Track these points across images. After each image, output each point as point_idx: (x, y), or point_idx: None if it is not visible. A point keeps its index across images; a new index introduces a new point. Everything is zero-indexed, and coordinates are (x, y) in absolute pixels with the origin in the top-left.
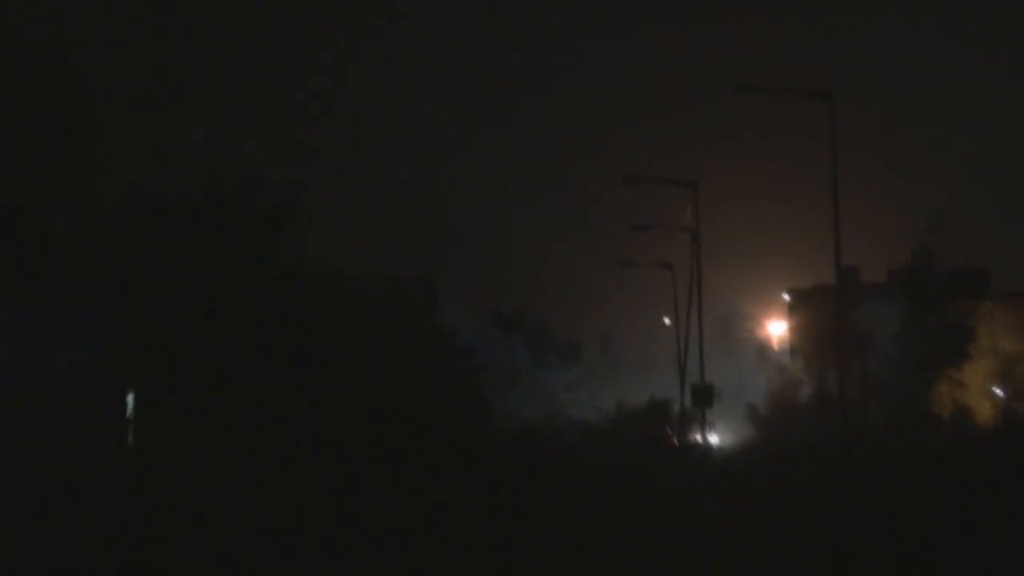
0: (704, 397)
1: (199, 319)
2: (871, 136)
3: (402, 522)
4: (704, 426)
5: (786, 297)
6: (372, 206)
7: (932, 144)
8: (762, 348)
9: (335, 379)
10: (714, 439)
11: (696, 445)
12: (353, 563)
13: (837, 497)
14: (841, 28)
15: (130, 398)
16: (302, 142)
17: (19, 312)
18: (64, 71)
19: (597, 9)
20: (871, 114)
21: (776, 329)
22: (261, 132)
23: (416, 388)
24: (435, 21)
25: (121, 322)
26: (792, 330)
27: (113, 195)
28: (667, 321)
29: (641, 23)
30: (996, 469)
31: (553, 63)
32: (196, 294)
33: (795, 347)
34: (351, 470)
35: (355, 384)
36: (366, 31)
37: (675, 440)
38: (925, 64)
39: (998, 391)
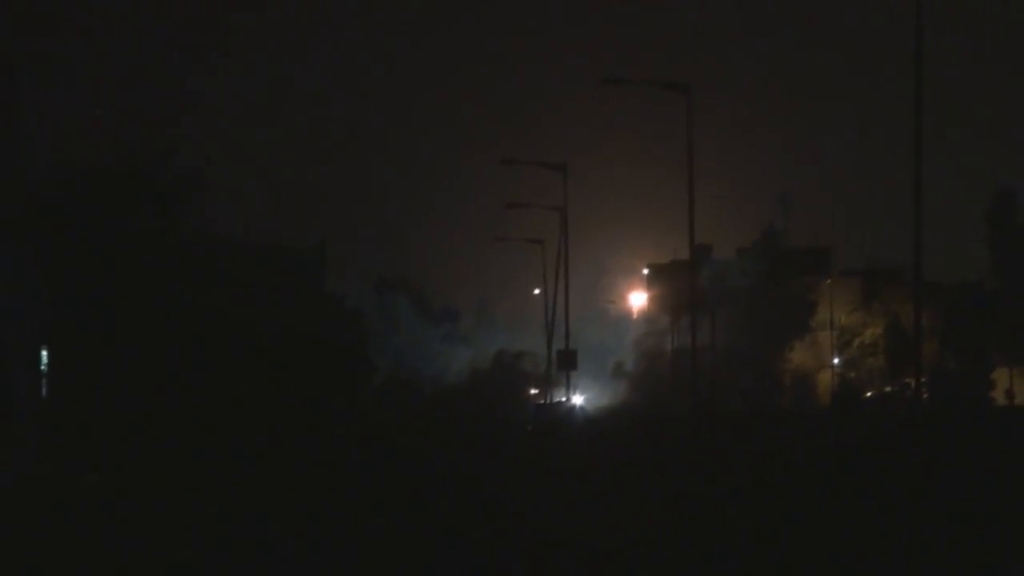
0: (568, 360)
1: (109, 280)
2: (728, 126)
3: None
4: (568, 387)
5: (645, 271)
6: (266, 176)
7: (782, 134)
8: (624, 318)
9: (233, 341)
10: (579, 399)
11: (560, 404)
12: (247, 494)
13: (686, 454)
14: (701, 26)
15: (44, 353)
16: (204, 107)
17: None
18: None
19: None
20: (727, 106)
21: (637, 300)
22: (171, 99)
23: (307, 349)
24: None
25: (37, 280)
26: (651, 300)
27: (31, 160)
28: (537, 291)
29: (515, 16)
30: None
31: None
32: (107, 257)
33: (653, 317)
34: (245, 420)
35: (251, 346)
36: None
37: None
38: (774, 61)
39: (835, 360)
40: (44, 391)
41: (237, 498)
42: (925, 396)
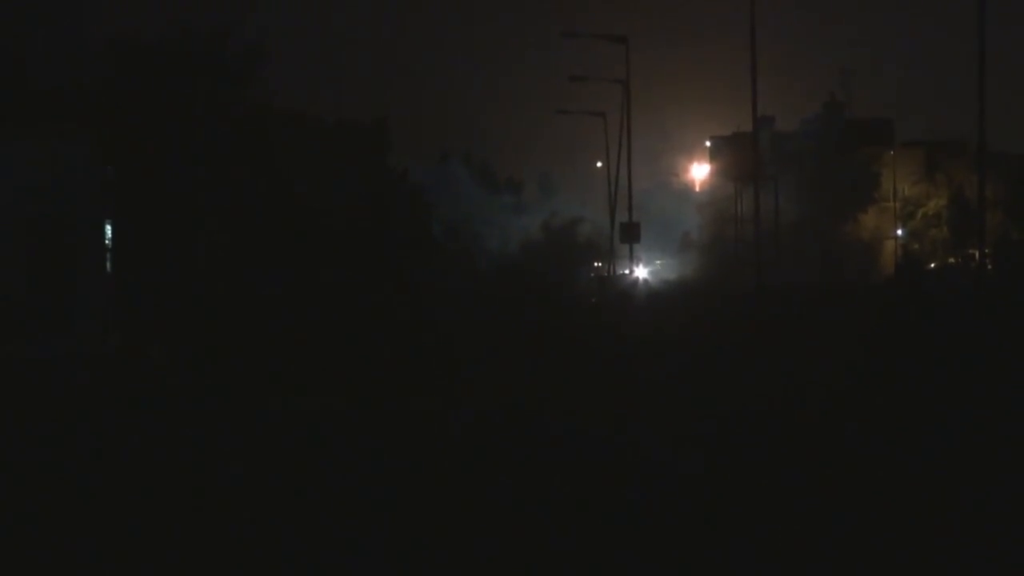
0: (632, 233)
1: (172, 156)
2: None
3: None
4: (632, 260)
5: (708, 144)
6: (324, 51)
7: (843, 5)
8: (686, 190)
9: (297, 213)
10: (643, 272)
11: (623, 277)
12: (308, 371)
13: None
14: None
15: (108, 228)
16: None
17: (8, 146)
18: None
19: None
20: None
21: (699, 173)
22: None
23: (370, 223)
24: None
25: (100, 157)
26: (714, 172)
27: (93, 38)
28: (599, 164)
29: None
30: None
31: None
32: (170, 133)
33: (716, 187)
34: (310, 293)
35: (315, 219)
36: None
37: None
38: None
39: (899, 231)
40: (109, 266)
41: (290, 372)
42: (989, 267)
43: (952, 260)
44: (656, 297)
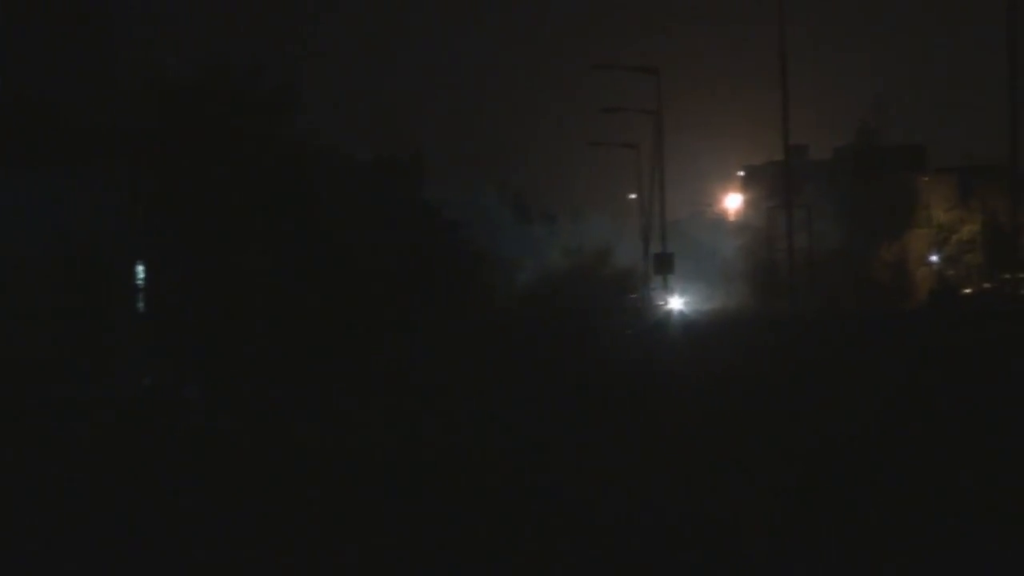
0: (665, 264)
1: (204, 195)
2: (822, 23)
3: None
4: (665, 290)
5: (741, 173)
6: (358, 86)
7: (877, 29)
8: (720, 220)
9: (331, 251)
10: (678, 302)
11: (657, 308)
12: (347, 403)
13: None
14: None
15: (139, 268)
16: (300, 23)
17: (37, 183)
18: None
19: None
20: (819, 5)
21: (733, 202)
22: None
23: (405, 260)
24: None
25: (131, 195)
26: (747, 202)
27: (126, 77)
28: (633, 196)
29: None
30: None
31: None
32: (202, 171)
33: (749, 217)
34: (346, 330)
35: (351, 257)
36: None
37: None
38: None
39: (933, 258)
40: (142, 306)
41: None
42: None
43: (987, 285)
44: (691, 327)
